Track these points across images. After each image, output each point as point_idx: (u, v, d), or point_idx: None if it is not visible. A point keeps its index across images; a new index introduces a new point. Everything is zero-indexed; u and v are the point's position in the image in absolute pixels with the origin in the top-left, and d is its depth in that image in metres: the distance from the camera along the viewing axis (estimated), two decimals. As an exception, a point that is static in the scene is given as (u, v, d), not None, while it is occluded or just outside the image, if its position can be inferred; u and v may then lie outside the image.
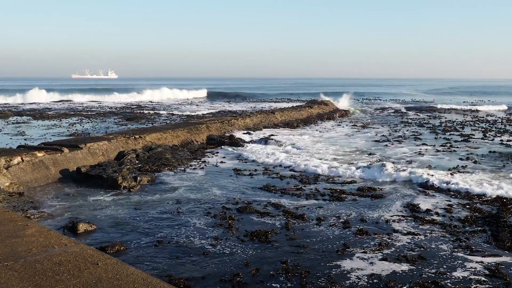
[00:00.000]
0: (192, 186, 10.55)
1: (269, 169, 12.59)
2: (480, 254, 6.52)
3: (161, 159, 13.10)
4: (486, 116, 30.31)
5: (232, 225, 7.74)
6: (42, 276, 4.35)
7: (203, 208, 8.81)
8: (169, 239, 7.14)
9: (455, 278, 5.75)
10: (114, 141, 13.78)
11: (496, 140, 18.25)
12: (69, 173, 11.39)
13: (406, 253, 6.55)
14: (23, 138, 18.17)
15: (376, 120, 27.71)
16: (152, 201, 9.32)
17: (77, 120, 26.19)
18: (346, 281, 5.66)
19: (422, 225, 7.82)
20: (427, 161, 13.56)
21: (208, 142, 17.26)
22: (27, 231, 5.73)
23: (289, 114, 26.71)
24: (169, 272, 5.88)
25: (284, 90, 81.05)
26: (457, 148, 16.09)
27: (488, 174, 11.69)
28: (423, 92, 74.97)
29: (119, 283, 4.25)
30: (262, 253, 6.57)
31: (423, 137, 19.15)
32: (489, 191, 9.76)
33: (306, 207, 8.90)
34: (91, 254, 4.99)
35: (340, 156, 14.40)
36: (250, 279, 5.71)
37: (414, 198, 9.61)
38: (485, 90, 77.74)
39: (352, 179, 11.41)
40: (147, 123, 24.61)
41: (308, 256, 6.44)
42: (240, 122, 21.65)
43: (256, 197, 9.68)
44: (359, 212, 8.58)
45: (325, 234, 7.37)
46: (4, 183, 9.89)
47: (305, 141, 17.66)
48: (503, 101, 44.78)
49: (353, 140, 18.51)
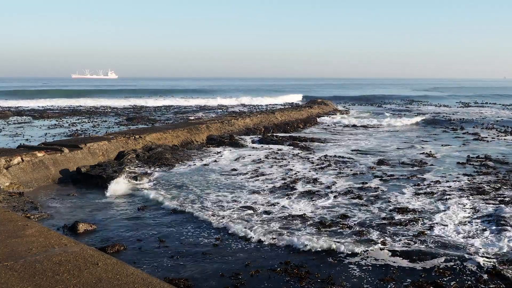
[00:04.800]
0: (192, 186, 10.55)
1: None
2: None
3: (161, 159, 13.10)
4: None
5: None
6: (42, 276, 4.35)
7: (203, 207, 8.81)
8: (170, 238, 7.14)
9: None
10: (114, 141, 13.78)
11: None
12: (69, 173, 11.39)
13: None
14: (23, 138, 18.17)
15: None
16: (151, 201, 9.32)
17: (77, 120, 26.19)
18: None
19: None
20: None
21: (208, 142, 17.28)
22: (27, 231, 5.72)
23: (289, 114, 26.70)
24: (169, 272, 5.89)
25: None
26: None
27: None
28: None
29: (119, 283, 4.25)
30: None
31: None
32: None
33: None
34: (91, 254, 4.99)
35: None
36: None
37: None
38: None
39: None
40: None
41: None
42: (240, 122, 21.65)
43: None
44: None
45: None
46: (4, 183, 9.89)
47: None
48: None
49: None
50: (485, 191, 9.93)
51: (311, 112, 29.49)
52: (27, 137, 18.48)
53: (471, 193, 9.77)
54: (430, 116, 29.44)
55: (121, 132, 16.23)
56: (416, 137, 19.64)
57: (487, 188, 10.17)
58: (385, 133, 21.55)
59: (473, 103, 45.38)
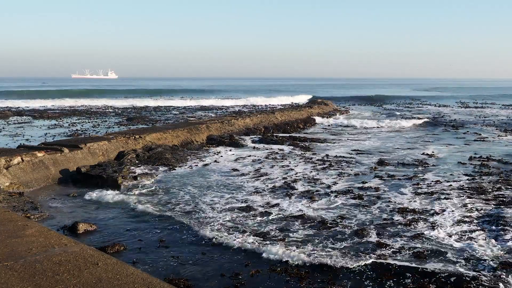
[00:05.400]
0: (191, 186, 10.55)
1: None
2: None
3: (161, 159, 13.10)
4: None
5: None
6: (42, 276, 4.35)
7: (203, 207, 8.81)
8: (169, 239, 7.13)
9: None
10: (114, 141, 13.78)
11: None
12: (69, 173, 11.38)
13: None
14: (23, 138, 18.16)
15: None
16: (152, 201, 9.32)
17: (77, 120, 26.19)
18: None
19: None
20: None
21: (208, 142, 17.27)
22: (27, 231, 5.72)
23: (289, 114, 26.70)
24: (169, 272, 5.88)
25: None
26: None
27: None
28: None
29: (119, 283, 4.25)
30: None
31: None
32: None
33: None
34: (91, 254, 4.99)
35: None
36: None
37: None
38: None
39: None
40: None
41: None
42: (240, 122, 21.65)
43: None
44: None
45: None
46: (4, 183, 9.89)
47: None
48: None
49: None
50: (485, 191, 9.93)
51: (311, 112, 29.49)
52: (27, 137, 18.47)
53: (471, 193, 9.76)
54: (431, 116, 29.44)
55: (121, 132, 16.22)
56: (417, 137, 19.63)
57: (488, 188, 10.16)
58: (386, 133, 21.54)
59: (473, 103, 45.41)
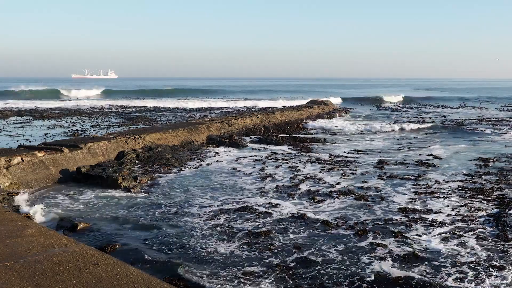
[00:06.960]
0: (191, 186, 10.54)
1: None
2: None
3: (161, 159, 13.09)
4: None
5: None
6: (42, 276, 4.34)
7: (203, 207, 8.80)
8: (169, 239, 7.12)
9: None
10: (114, 141, 13.76)
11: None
12: (69, 173, 11.37)
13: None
14: (23, 138, 18.16)
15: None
16: (152, 201, 9.31)
17: (77, 120, 26.18)
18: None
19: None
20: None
21: (208, 142, 17.27)
22: (27, 231, 5.72)
23: (289, 114, 26.69)
24: (169, 272, 5.88)
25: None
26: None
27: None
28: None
29: (119, 283, 4.24)
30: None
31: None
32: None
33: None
34: (91, 254, 4.98)
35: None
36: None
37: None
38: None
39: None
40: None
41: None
42: (240, 122, 21.64)
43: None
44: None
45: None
46: (4, 183, 9.88)
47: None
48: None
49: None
50: (486, 191, 9.93)
51: (311, 112, 29.48)
52: (27, 137, 18.46)
53: (472, 193, 9.76)
54: (431, 116, 29.43)
55: (121, 132, 16.21)
56: (417, 137, 19.63)
57: (489, 188, 10.16)
58: (386, 133, 21.53)
59: (473, 103, 45.41)
